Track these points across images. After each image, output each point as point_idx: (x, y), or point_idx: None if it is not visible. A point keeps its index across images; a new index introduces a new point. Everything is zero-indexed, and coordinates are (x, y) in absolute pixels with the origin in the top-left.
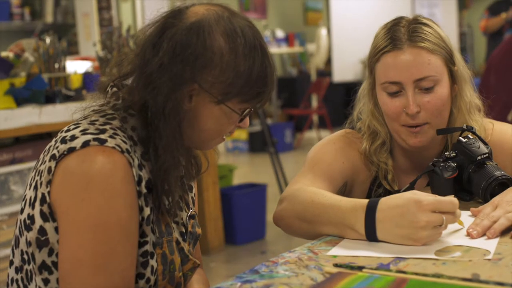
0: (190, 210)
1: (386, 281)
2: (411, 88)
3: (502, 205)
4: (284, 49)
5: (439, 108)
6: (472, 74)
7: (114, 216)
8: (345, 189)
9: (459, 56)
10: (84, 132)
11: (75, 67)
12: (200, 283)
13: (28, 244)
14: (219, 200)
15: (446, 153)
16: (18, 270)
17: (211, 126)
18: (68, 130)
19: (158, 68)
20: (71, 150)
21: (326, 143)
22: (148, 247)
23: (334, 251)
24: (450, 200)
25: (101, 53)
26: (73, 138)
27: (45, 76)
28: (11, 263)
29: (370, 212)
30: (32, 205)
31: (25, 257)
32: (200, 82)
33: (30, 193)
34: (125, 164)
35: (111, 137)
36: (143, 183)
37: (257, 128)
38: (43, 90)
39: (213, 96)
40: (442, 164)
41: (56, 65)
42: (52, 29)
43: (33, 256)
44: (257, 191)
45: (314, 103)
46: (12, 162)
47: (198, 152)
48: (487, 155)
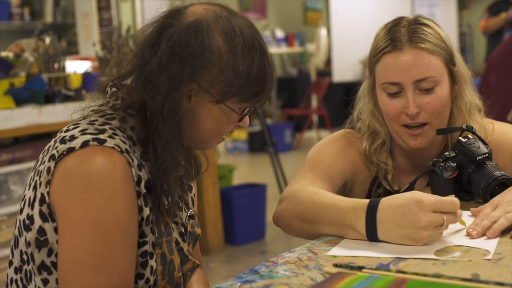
0: (190, 210)
1: (386, 281)
2: (411, 89)
3: (502, 205)
4: (284, 49)
5: (439, 109)
6: (472, 74)
7: (114, 216)
8: (345, 189)
9: (460, 57)
10: (84, 132)
11: (75, 67)
12: (200, 283)
13: (28, 245)
14: (219, 200)
15: (446, 153)
16: (18, 271)
17: (211, 126)
18: (68, 130)
19: (157, 68)
20: (71, 150)
21: (326, 143)
22: (148, 247)
23: (334, 251)
24: (451, 200)
25: (101, 53)
26: (73, 138)
27: (45, 76)
28: (10, 264)
29: (371, 212)
30: (32, 205)
31: (24, 258)
32: (199, 82)
33: (30, 193)
34: (125, 164)
35: (111, 137)
36: (143, 183)
37: (257, 128)
38: (43, 90)
39: (212, 96)
40: (442, 164)
41: (56, 65)
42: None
43: (32, 257)
44: (257, 191)
45: (314, 103)
46: (12, 162)
47: (198, 152)
48: (487, 155)
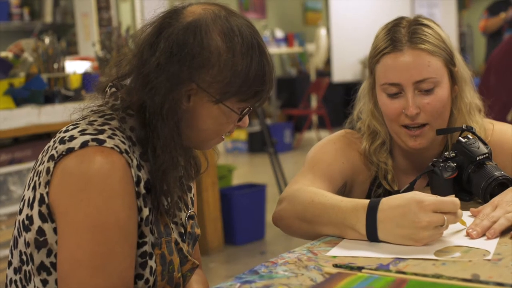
0: (189, 211)
1: (386, 282)
2: (411, 90)
3: (502, 206)
4: (284, 49)
5: (439, 110)
6: (472, 74)
7: (113, 217)
8: (345, 189)
9: (460, 57)
10: (83, 133)
11: (74, 67)
12: (199, 284)
13: (27, 245)
14: (219, 201)
15: (446, 153)
16: (17, 271)
17: (210, 126)
18: (67, 131)
19: (155, 68)
20: (70, 151)
21: (326, 143)
22: (147, 248)
23: (334, 252)
24: (452, 200)
25: (100, 53)
26: (72, 139)
27: (44, 76)
28: (10, 264)
29: (371, 212)
30: (31, 206)
31: (24, 258)
32: (198, 82)
33: (29, 194)
34: (124, 165)
35: (110, 138)
36: (142, 184)
37: (257, 128)
38: (42, 90)
39: (211, 96)
40: (442, 164)
41: (55, 65)
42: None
43: (32, 257)
44: (257, 192)
45: (314, 103)
46: (11, 163)
47: (198, 153)
48: (487, 155)
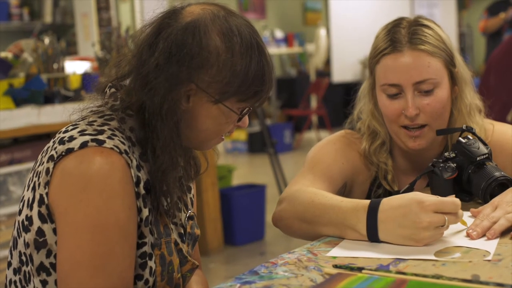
0: (189, 211)
1: (386, 282)
2: (411, 91)
3: (502, 206)
4: (283, 50)
5: (439, 111)
6: (472, 75)
7: (113, 217)
8: (345, 190)
9: (460, 58)
10: (82, 133)
11: (74, 68)
12: (199, 284)
13: (26, 246)
14: (218, 201)
15: (446, 154)
16: (16, 272)
17: (209, 126)
18: (66, 131)
19: (155, 69)
20: (69, 151)
21: (326, 144)
22: (147, 248)
23: (334, 252)
24: (453, 201)
25: (100, 54)
26: (71, 139)
27: (44, 77)
28: (9, 265)
29: (372, 213)
30: (30, 206)
31: (23, 259)
32: (197, 82)
33: (28, 194)
34: (123, 165)
35: (109, 138)
36: (142, 184)
37: (256, 129)
38: (42, 91)
39: (211, 96)
40: (442, 165)
41: (55, 66)
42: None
43: (31, 258)
44: (256, 192)
45: (314, 104)
46: (11, 163)
47: (198, 153)
48: (487, 156)
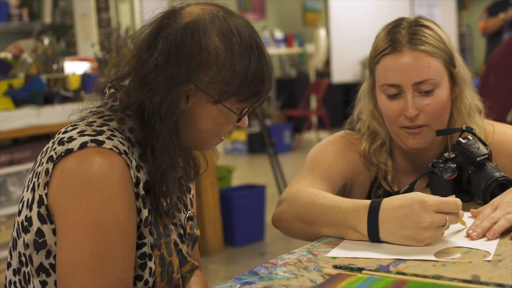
0: (189, 212)
1: (386, 283)
2: (411, 91)
3: (502, 206)
4: (283, 50)
5: (439, 111)
6: (472, 75)
7: (112, 218)
8: (345, 191)
9: (460, 58)
10: (82, 134)
11: (74, 68)
12: (199, 285)
13: (26, 246)
14: (218, 202)
15: (446, 154)
16: (16, 272)
17: (209, 127)
18: (66, 132)
19: (154, 69)
20: (69, 152)
21: (326, 144)
22: (146, 249)
23: (334, 253)
24: (454, 201)
25: (100, 54)
26: (71, 140)
27: (44, 77)
28: (9, 265)
29: (373, 213)
30: (30, 207)
31: (23, 259)
32: (196, 82)
33: (28, 195)
34: (123, 166)
35: (109, 139)
36: (141, 185)
37: (256, 129)
38: (42, 91)
39: (210, 96)
40: (442, 165)
41: (55, 66)
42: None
43: (31, 258)
44: (256, 192)
45: (313, 104)
46: (11, 163)
47: (197, 153)
48: (487, 156)
